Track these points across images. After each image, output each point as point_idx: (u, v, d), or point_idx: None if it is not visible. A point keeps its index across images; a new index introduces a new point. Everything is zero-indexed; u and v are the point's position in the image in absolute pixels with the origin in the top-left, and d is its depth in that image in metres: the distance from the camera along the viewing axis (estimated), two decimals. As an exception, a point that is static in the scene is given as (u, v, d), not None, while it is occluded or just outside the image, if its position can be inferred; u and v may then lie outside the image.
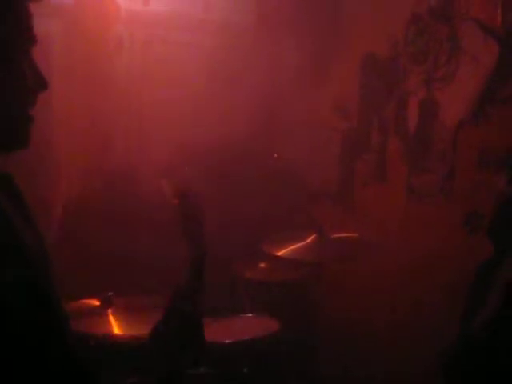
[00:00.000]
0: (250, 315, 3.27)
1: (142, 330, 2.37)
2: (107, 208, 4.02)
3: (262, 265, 3.72)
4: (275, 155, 4.58)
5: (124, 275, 3.58)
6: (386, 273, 3.73)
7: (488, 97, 3.15)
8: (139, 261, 3.82)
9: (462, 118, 3.30)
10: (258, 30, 4.53)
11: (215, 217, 4.08)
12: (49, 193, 3.95)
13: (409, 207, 3.67)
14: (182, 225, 1.59)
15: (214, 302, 3.52)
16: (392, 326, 3.61)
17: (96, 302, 2.96)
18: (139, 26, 4.27)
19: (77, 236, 3.86)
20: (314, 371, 3.65)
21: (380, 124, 3.96)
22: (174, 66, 4.20)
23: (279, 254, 3.22)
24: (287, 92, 4.65)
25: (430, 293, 3.38)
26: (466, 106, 3.26)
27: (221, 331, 3.02)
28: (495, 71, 3.09)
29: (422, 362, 3.31)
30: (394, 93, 3.83)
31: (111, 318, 2.84)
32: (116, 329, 2.77)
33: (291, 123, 4.60)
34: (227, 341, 2.91)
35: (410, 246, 3.59)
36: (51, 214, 3.95)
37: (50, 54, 3.75)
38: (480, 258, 2.32)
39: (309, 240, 3.24)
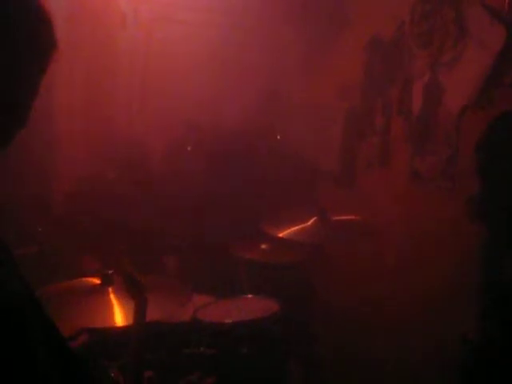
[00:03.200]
0: (250, 296, 3.27)
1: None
2: (113, 189, 4.02)
3: (263, 246, 3.72)
4: (278, 137, 4.57)
5: (128, 254, 3.59)
6: (387, 256, 3.73)
7: (493, 81, 3.13)
8: (145, 241, 3.83)
9: (467, 102, 3.28)
10: (261, 9, 4.50)
11: (217, 197, 4.10)
12: (52, 174, 3.95)
13: (411, 190, 3.66)
14: None
15: (214, 283, 3.54)
16: (392, 311, 3.61)
17: (97, 280, 2.96)
18: (143, 3, 4.24)
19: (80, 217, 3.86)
20: (312, 352, 3.67)
21: (384, 106, 3.95)
22: (178, 45, 4.18)
23: (280, 235, 3.21)
24: (291, 73, 4.63)
25: (431, 277, 3.38)
26: (471, 89, 3.24)
27: (221, 312, 3.03)
28: (501, 55, 3.06)
29: (421, 349, 3.33)
30: (399, 76, 3.81)
31: (112, 296, 2.85)
32: (116, 307, 2.77)
33: (294, 105, 4.59)
34: (227, 321, 2.92)
35: (412, 229, 3.59)
36: (52, 202, 3.95)
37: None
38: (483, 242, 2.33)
39: (310, 222, 3.23)
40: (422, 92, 3.62)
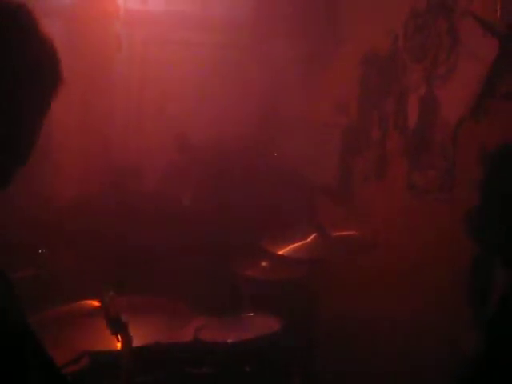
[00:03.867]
0: (252, 314, 3.27)
1: (144, 332, 2.38)
2: (110, 207, 4.02)
3: (263, 263, 3.72)
4: (275, 154, 4.58)
5: (127, 275, 3.58)
6: (387, 270, 3.73)
7: (488, 92, 3.14)
8: (144, 260, 3.82)
9: (462, 115, 3.29)
10: (256, 27, 4.52)
11: (215, 215, 4.10)
12: (48, 192, 3.95)
13: (409, 203, 3.66)
14: None
15: (215, 302, 3.54)
16: (394, 324, 3.60)
17: (97, 303, 2.94)
18: (138, 26, 4.27)
19: (78, 236, 3.85)
20: (315, 369, 3.65)
21: (380, 120, 3.95)
22: (173, 65, 4.20)
23: (280, 252, 3.21)
24: (287, 89, 4.64)
25: (431, 289, 3.37)
26: (466, 102, 3.25)
27: (222, 331, 3.02)
28: (495, 67, 3.07)
29: (423, 361, 3.32)
30: (394, 89, 3.82)
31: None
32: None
33: (291, 120, 4.60)
34: (229, 341, 2.91)
35: (410, 243, 3.59)
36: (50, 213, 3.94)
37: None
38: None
39: (309, 238, 3.23)
40: (417, 105, 3.64)
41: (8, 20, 1.16)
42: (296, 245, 3.22)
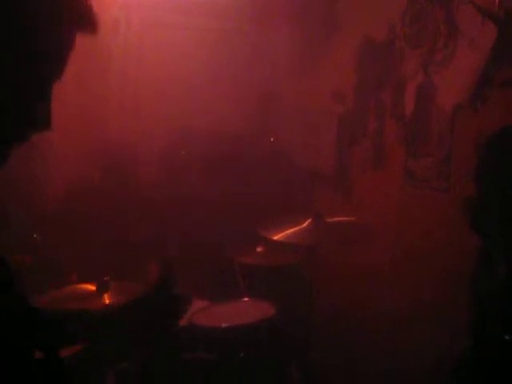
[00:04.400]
0: (247, 300, 3.27)
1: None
2: (106, 194, 4.01)
3: (259, 249, 3.72)
4: (272, 139, 4.57)
5: (121, 260, 3.58)
6: (383, 257, 3.73)
7: (485, 80, 3.14)
8: (137, 246, 3.82)
9: (460, 102, 3.28)
10: (254, 13, 4.50)
11: (211, 201, 4.09)
12: (44, 176, 3.94)
13: (406, 192, 3.66)
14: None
15: (211, 287, 3.54)
16: (390, 312, 3.60)
17: (92, 287, 2.95)
18: (135, 9, 4.24)
19: (74, 220, 3.85)
20: (309, 356, 3.66)
21: (377, 108, 3.95)
22: (169, 49, 4.18)
23: (275, 238, 3.20)
24: (284, 76, 4.63)
25: (427, 278, 3.37)
26: (464, 89, 3.25)
27: (217, 316, 3.02)
28: (493, 54, 3.07)
29: (419, 352, 3.33)
30: (391, 77, 3.81)
31: (107, 303, 2.84)
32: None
33: (288, 107, 4.59)
34: (223, 325, 2.91)
35: (407, 231, 3.59)
36: (47, 196, 3.93)
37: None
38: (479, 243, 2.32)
39: (305, 224, 3.22)
40: (414, 93, 3.63)
41: None
42: (291, 230, 3.21)
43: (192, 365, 2.80)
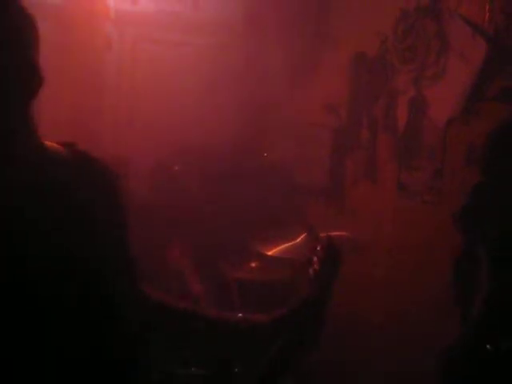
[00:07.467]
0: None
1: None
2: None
3: (253, 264, 3.72)
4: (265, 154, 4.58)
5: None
6: (376, 270, 3.73)
7: (477, 94, 3.16)
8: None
9: (451, 116, 3.30)
10: (247, 28, 4.52)
11: (205, 216, 4.09)
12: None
13: (398, 204, 3.67)
14: None
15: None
16: (384, 325, 3.60)
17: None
18: (128, 26, 4.26)
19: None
20: (307, 369, 3.64)
21: (369, 122, 3.96)
22: (163, 65, 4.19)
23: (269, 253, 3.21)
24: (276, 90, 4.64)
25: (420, 290, 3.38)
26: (455, 103, 3.26)
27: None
28: (483, 68, 3.09)
29: (416, 362, 3.32)
30: (384, 91, 3.83)
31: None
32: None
33: (281, 122, 4.59)
34: (218, 340, 2.90)
35: (400, 244, 3.60)
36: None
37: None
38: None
39: (299, 239, 3.23)
40: (406, 107, 3.65)
41: None
42: (285, 245, 3.22)
43: (186, 381, 2.79)
